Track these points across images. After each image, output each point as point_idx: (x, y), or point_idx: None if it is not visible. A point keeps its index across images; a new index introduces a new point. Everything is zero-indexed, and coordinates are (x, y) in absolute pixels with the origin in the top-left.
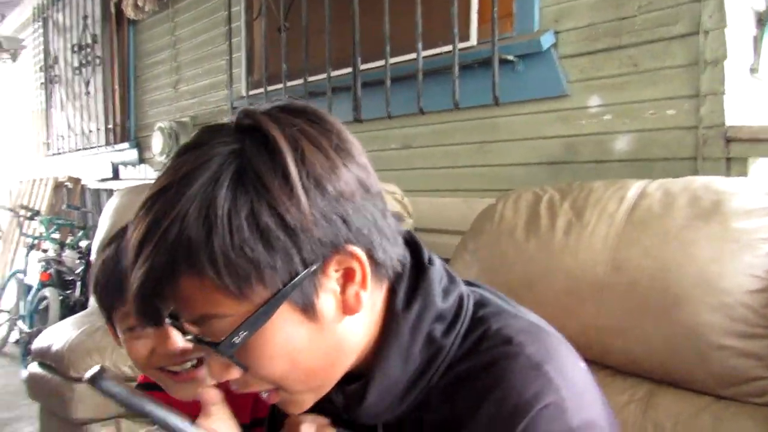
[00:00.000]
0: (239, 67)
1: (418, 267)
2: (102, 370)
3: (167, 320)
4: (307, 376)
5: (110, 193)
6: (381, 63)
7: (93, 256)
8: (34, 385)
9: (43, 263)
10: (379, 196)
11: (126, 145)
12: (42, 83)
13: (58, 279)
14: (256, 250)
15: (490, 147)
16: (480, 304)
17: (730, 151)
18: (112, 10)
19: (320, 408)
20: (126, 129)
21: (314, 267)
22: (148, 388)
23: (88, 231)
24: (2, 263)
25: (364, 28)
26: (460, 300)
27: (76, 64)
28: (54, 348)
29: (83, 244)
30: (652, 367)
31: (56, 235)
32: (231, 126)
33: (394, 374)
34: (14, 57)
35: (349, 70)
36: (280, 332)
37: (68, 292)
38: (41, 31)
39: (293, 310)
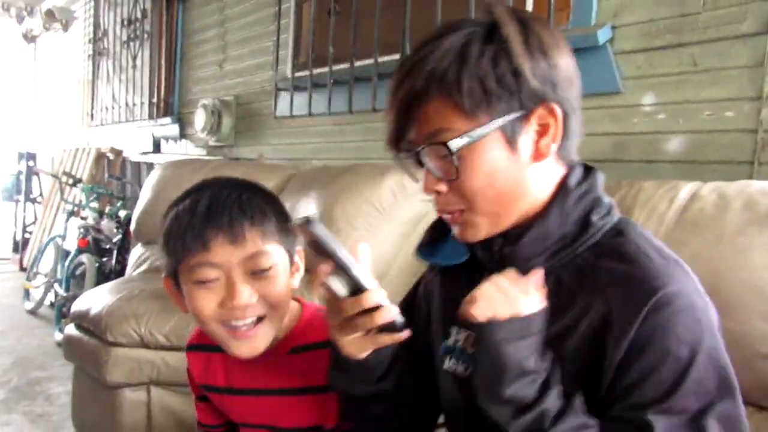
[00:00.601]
0: (285, 49)
1: (588, 168)
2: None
3: (404, 150)
4: (495, 197)
5: (150, 166)
6: None
7: (131, 227)
8: (70, 346)
9: (82, 230)
10: (579, 95)
11: (168, 120)
12: (90, 55)
13: (95, 246)
14: (491, 84)
15: None
16: (624, 219)
17: None
18: None
19: (476, 261)
20: (169, 104)
21: (524, 110)
22: (197, 348)
23: (127, 202)
24: (42, 228)
25: (414, 14)
26: (611, 206)
27: (124, 38)
28: (92, 312)
29: (122, 214)
30: None
31: (95, 204)
32: (474, 18)
33: (551, 228)
34: (66, 28)
35: (397, 56)
36: (488, 151)
37: (104, 259)
38: (92, 3)
39: (502, 137)
